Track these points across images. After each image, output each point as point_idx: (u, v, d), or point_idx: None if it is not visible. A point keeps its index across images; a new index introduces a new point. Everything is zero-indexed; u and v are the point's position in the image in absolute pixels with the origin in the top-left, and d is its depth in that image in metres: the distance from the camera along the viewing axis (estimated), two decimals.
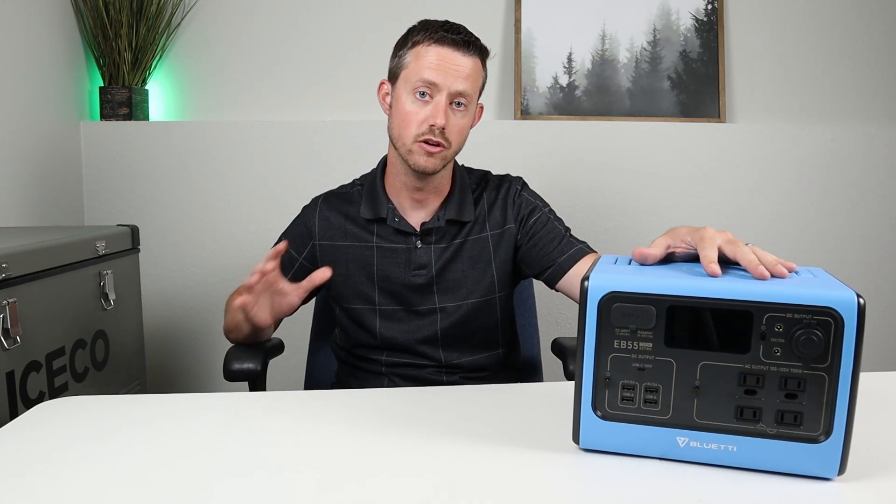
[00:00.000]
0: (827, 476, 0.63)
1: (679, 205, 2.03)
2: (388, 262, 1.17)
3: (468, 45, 1.08)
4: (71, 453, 0.69)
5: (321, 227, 1.21)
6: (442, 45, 1.07)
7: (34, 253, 1.12)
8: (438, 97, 1.07)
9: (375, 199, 1.18)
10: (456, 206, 1.17)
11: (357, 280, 1.18)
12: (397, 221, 1.16)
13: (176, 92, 1.99)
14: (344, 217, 1.20)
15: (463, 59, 1.07)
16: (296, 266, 1.23)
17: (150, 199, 1.91)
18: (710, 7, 2.05)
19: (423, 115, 1.07)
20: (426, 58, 1.07)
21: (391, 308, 1.18)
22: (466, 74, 1.08)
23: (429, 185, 1.15)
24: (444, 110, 1.07)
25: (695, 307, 0.63)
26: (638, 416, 0.66)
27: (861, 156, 2.07)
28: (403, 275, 1.17)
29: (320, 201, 1.24)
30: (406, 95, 1.09)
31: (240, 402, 0.85)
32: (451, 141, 1.10)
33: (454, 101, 1.09)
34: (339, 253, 1.19)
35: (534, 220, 1.19)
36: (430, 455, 0.69)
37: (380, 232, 1.18)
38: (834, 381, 0.61)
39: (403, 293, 1.17)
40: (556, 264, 1.16)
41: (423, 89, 1.07)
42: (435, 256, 1.17)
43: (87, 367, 1.28)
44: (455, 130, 1.10)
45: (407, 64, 1.09)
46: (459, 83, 1.07)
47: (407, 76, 1.09)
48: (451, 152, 1.12)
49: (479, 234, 1.19)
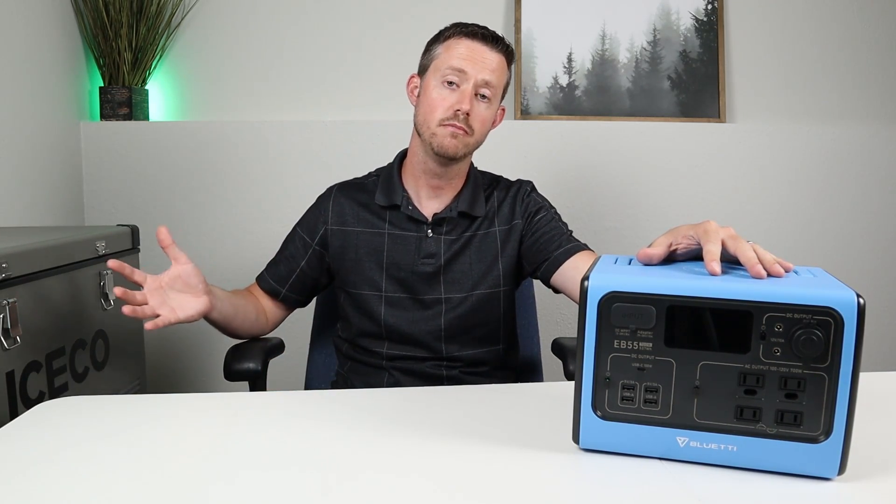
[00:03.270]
0: (827, 476, 0.63)
1: (679, 205, 2.03)
2: (398, 249, 1.20)
3: (496, 41, 1.15)
4: (71, 453, 0.69)
5: (334, 212, 1.24)
6: (472, 39, 1.14)
7: (34, 253, 1.12)
8: (465, 85, 1.13)
9: (391, 186, 1.22)
10: (469, 199, 1.21)
11: (366, 266, 1.20)
12: (411, 209, 1.20)
13: (176, 92, 1.99)
14: (357, 204, 1.23)
15: (491, 54, 1.14)
16: (309, 252, 1.25)
17: (150, 199, 1.91)
18: (710, 7, 2.05)
19: (451, 101, 1.13)
20: (457, 48, 1.14)
21: (397, 296, 1.20)
22: (493, 67, 1.14)
23: (449, 172, 1.19)
24: (470, 97, 1.12)
25: (695, 307, 0.63)
26: (638, 416, 0.66)
27: (861, 156, 2.07)
28: (412, 262, 1.19)
29: (335, 189, 1.27)
30: (435, 83, 1.15)
31: (240, 402, 0.85)
32: (474, 129, 1.14)
33: (479, 91, 1.14)
34: (349, 238, 1.22)
35: (539, 218, 1.22)
36: (430, 455, 0.69)
37: (392, 219, 1.21)
38: (834, 381, 0.61)
39: (410, 281, 1.19)
40: (552, 258, 1.18)
41: (452, 77, 1.13)
42: (444, 247, 1.19)
43: (87, 367, 1.28)
44: (479, 119, 1.15)
45: (438, 55, 1.16)
46: (486, 73, 1.13)
47: (437, 66, 1.15)
48: (474, 140, 1.16)
49: (488, 230, 1.22)
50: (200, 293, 1.06)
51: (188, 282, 1.04)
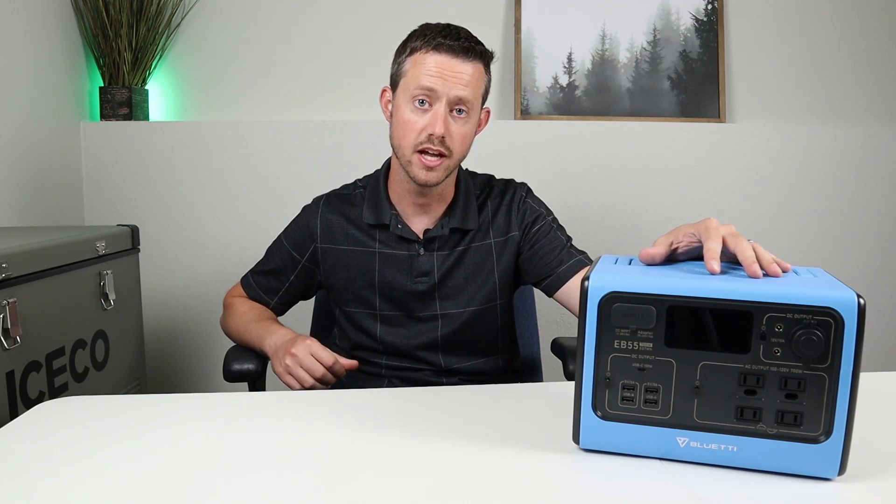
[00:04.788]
0: (827, 476, 0.63)
1: (679, 205, 2.03)
2: (389, 269, 1.16)
3: (467, 52, 1.06)
4: (71, 453, 0.69)
5: (322, 229, 1.20)
6: (440, 53, 1.05)
7: (34, 253, 1.12)
8: (437, 105, 1.05)
9: (378, 204, 1.17)
10: (460, 214, 1.16)
11: (358, 285, 1.18)
12: (400, 228, 1.15)
13: (176, 92, 1.99)
14: (346, 220, 1.19)
15: (462, 66, 1.05)
16: (298, 267, 1.23)
17: (150, 199, 1.91)
18: (710, 7, 2.05)
19: (422, 124, 1.06)
20: (424, 65, 1.05)
21: (392, 314, 1.18)
22: (466, 81, 1.05)
23: (431, 193, 1.14)
24: (444, 118, 1.05)
25: (695, 307, 0.63)
26: (638, 416, 0.66)
27: (861, 156, 2.07)
28: (405, 282, 1.16)
29: (322, 202, 1.23)
30: (405, 104, 1.07)
31: (240, 402, 0.85)
32: (452, 150, 1.08)
33: (455, 108, 1.06)
34: (340, 256, 1.19)
35: (537, 229, 1.18)
36: (429, 455, 0.69)
37: (382, 238, 1.17)
38: (834, 382, 0.61)
39: (405, 300, 1.17)
40: (555, 275, 1.15)
41: (422, 97, 1.05)
42: (438, 263, 1.16)
43: (87, 367, 1.28)
44: (457, 138, 1.08)
45: (405, 71, 1.08)
46: (459, 90, 1.05)
47: (405, 84, 1.07)
48: (454, 161, 1.10)
49: (483, 242, 1.18)
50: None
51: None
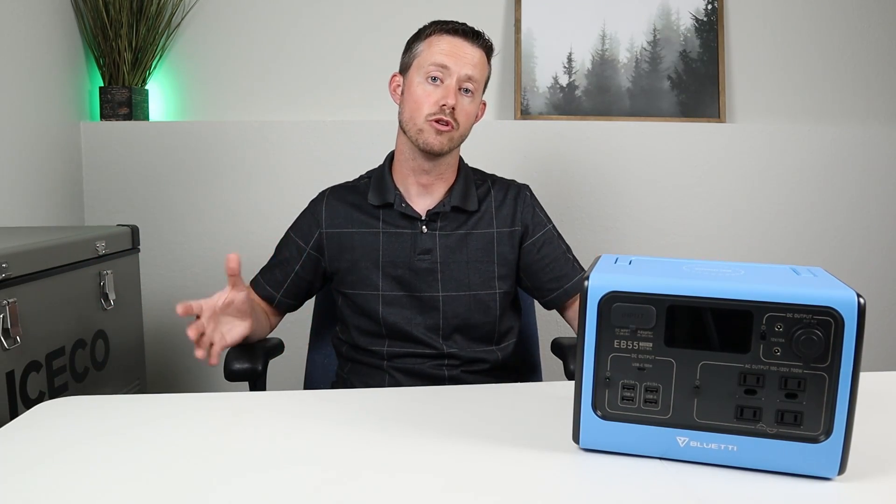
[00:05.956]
0: (827, 476, 0.63)
1: (679, 205, 2.03)
2: (393, 246, 1.20)
3: (476, 37, 1.18)
4: (71, 453, 0.69)
5: (328, 215, 1.24)
6: (453, 35, 1.17)
7: (34, 253, 1.12)
8: (449, 81, 1.15)
9: (383, 185, 1.23)
10: (461, 194, 1.22)
11: (362, 266, 1.21)
12: (404, 206, 1.20)
13: (176, 92, 1.99)
14: (350, 206, 1.24)
15: (471, 49, 1.17)
16: (303, 257, 1.25)
17: (150, 199, 1.91)
18: (710, 7, 2.05)
19: (436, 97, 1.15)
20: (438, 45, 1.16)
21: (395, 294, 1.20)
22: (475, 62, 1.17)
23: (436, 168, 1.20)
24: (455, 92, 1.15)
25: (695, 307, 0.63)
26: (638, 415, 0.66)
27: (861, 156, 2.07)
28: (409, 258, 1.20)
29: (328, 193, 1.28)
30: (419, 80, 1.17)
31: (240, 402, 0.85)
32: (459, 122, 1.17)
33: (463, 86, 1.16)
34: (345, 239, 1.22)
35: (541, 237, 1.24)
36: (429, 454, 0.69)
37: (386, 217, 1.22)
38: (834, 381, 0.61)
39: (407, 277, 1.20)
40: (562, 290, 1.23)
41: (436, 73, 1.15)
42: (440, 242, 1.20)
43: (87, 367, 1.28)
44: (463, 113, 1.17)
45: (420, 52, 1.18)
46: (468, 68, 1.16)
47: (420, 63, 1.17)
48: (459, 134, 1.18)
49: (486, 229, 1.22)
50: (247, 317, 1.10)
51: (241, 308, 1.09)
